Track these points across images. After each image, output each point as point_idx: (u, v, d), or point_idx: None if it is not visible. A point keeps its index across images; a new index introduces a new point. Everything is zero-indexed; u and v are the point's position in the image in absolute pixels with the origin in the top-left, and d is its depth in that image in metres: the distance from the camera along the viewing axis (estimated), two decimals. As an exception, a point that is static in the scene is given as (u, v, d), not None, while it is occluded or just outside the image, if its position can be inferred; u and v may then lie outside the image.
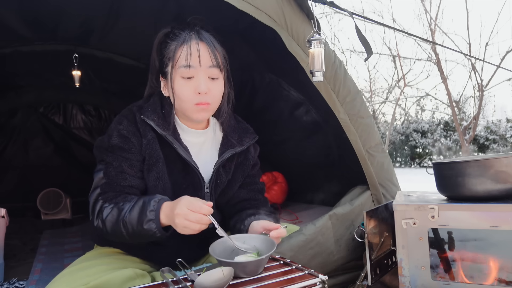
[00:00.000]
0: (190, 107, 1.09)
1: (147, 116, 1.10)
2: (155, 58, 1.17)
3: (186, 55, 1.06)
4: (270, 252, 0.93)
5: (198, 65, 1.06)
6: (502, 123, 9.85)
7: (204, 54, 1.07)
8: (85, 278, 0.97)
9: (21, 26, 2.06)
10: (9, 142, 3.71)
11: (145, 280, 1.05)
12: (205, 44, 1.08)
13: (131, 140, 1.09)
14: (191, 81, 1.07)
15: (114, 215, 1.03)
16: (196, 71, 1.06)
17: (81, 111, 3.98)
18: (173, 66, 1.07)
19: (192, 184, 1.15)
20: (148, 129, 1.10)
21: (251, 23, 1.40)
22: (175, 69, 1.07)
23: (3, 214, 1.71)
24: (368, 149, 1.64)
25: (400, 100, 10.71)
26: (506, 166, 1.12)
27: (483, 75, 8.22)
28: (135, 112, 1.12)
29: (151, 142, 1.10)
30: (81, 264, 1.09)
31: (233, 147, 1.20)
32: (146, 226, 0.98)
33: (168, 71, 1.09)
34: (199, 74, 1.07)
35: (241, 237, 1.04)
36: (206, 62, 1.07)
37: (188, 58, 1.05)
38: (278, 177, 2.43)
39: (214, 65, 1.09)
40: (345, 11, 1.41)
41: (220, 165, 1.18)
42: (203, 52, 1.07)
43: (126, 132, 1.09)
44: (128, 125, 1.10)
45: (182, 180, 1.14)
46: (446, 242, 1.24)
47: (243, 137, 1.24)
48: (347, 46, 15.45)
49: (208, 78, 1.09)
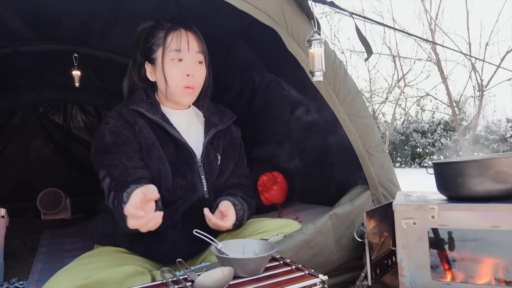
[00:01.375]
0: (179, 90, 1.20)
1: (136, 105, 1.19)
2: (137, 50, 1.27)
3: (176, 40, 1.18)
4: (270, 252, 0.93)
5: (186, 49, 1.19)
6: (502, 123, 9.85)
7: (192, 40, 1.21)
8: (86, 272, 0.98)
9: (21, 26, 2.07)
10: (9, 142, 3.71)
11: (145, 277, 1.05)
12: (192, 32, 1.22)
13: (123, 132, 1.16)
14: (180, 64, 1.19)
15: (116, 209, 1.08)
16: (185, 55, 1.19)
17: (81, 111, 3.98)
18: (164, 51, 1.19)
19: (185, 161, 1.22)
20: (137, 117, 1.19)
21: (251, 23, 1.41)
22: (166, 53, 1.19)
23: (3, 214, 1.70)
24: (368, 149, 1.64)
25: (400, 100, 10.71)
26: (506, 166, 1.12)
27: (483, 75, 8.23)
28: (120, 108, 1.21)
29: (142, 127, 1.18)
30: (82, 260, 1.10)
31: (215, 125, 1.31)
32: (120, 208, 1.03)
33: (156, 57, 1.21)
34: (187, 57, 1.20)
35: (241, 242, 1.04)
36: (193, 48, 1.21)
37: (178, 43, 1.18)
38: (278, 177, 2.43)
39: (200, 51, 1.22)
40: (345, 11, 1.41)
41: (208, 142, 1.27)
42: (191, 38, 1.21)
43: (116, 128, 1.16)
44: (116, 121, 1.18)
45: (176, 159, 1.21)
46: (446, 242, 1.24)
47: (223, 117, 1.36)
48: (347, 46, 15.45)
49: (195, 62, 1.22)
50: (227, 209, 1.17)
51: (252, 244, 1.03)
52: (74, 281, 0.93)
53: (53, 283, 0.96)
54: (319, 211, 2.00)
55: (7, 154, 3.69)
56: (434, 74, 10.29)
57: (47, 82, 3.34)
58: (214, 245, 0.98)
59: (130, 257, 1.19)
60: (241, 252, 1.01)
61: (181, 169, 1.20)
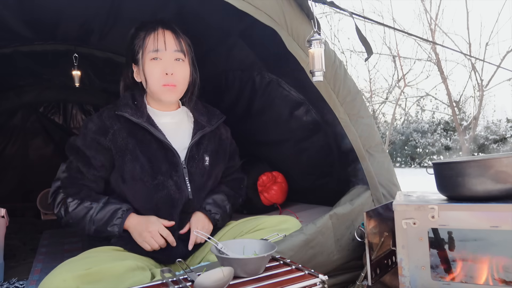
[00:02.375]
0: (159, 88, 1.24)
1: (120, 110, 1.23)
2: (128, 52, 1.31)
3: (153, 40, 1.22)
4: (270, 252, 0.93)
5: (164, 48, 1.23)
6: (502, 123, 9.85)
7: (169, 39, 1.24)
8: (87, 264, 0.99)
9: (21, 26, 2.06)
10: (9, 142, 3.70)
11: (145, 272, 1.07)
12: (170, 31, 1.25)
13: (95, 141, 1.22)
14: (159, 63, 1.23)
15: (81, 211, 1.19)
16: (163, 54, 1.23)
17: (81, 111, 3.97)
18: (143, 52, 1.23)
19: (169, 162, 1.25)
20: (115, 121, 1.23)
21: (251, 23, 1.41)
22: (145, 54, 1.23)
23: (3, 214, 1.70)
24: (368, 149, 1.64)
25: (400, 100, 10.71)
26: (506, 166, 1.12)
27: (483, 75, 8.22)
28: (102, 112, 1.27)
29: (117, 132, 1.22)
30: (84, 255, 1.13)
31: (202, 128, 1.34)
32: (110, 229, 1.18)
33: (139, 58, 1.25)
34: (166, 56, 1.23)
35: (241, 242, 1.04)
36: (171, 47, 1.24)
37: (155, 43, 1.22)
38: (278, 177, 2.42)
39: (178, 50, 1.25)
40: (345, 11, 1.41)
41: (193, 144, 1.30)
42: (168, 37, 1.24)
43: (92, 134, 1.22)
44: (93, 126, 1.23)
45: (160, 160, 1.24)
46: (446, 242, 1.24)
47: (211, 118, 1.39)
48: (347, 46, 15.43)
49: (174, 60, 1.25)
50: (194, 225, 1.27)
51: (252, 244, 1.03)
52: (74, 271, 0.94)
53: (54, 275, 0.97)
54: (319, 211, 2.00)
55: (7, 154, 3.69)
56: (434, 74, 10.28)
57: (47, 82, 3.34)
58: (214, 245, 0.98)
59: (130, 255, 1.19)
60: (241, 252, 1.01)
61: (164, 169, 1.23)
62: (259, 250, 1.00)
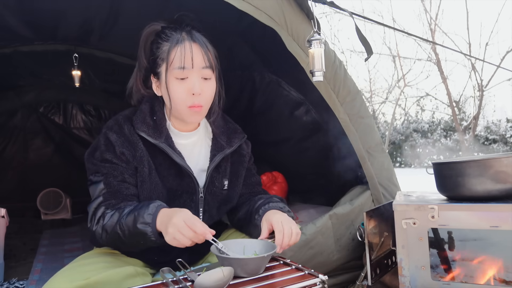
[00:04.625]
0: (184, 109, 1.10)
1: (138, 128, 1.10)
2: (143, 57, 1.16)
3: (180, 56, 1.07)
4: (270, 252, 0.93)
5: (191, 66, 1.07)
6: (502, 123, 9.85)
7: (197, 55, 1.08)
8: (85, 273, 0.97)
9: (21, 26, 2.06)
10: (9, 142, 3.70)
11: (146, 278, 1.05)
12: (198, 45, 1.09)
13: (124, 153, 1.09)
14: (185, 82, 1.08)
15: (114, 218, 1.03)
16: (190, 72, 1.07)
17: (81, 111, 3.98)
18: (167, 68, 1.08)
19: (187, 190, 1.15)
20: (138, 139, 1.11)
21: (251, 23, 1.41)
22: (169, 71, 1.08)
23: (3, 214, 1.70)
24: (368, 149, 1.64)
25: (400, 100, 10.72)
26: (506, 166, 1.12)
27: (483, 75, 8.23)
28: (123, 124, 1.12)
29: (142, 154, 1.11)
30: (82, 261, 1.09)
31: (222, 149, 1.21)
32: (141, 227, 0.98)
33: (161, 72, 1.10)
34: (193, 75, 1.08)
35: (241, 242, 1.04)
36: (199, 64, 1.08)
37: (182, 60, 1.07)
38: (278, 177, 2.43)
39: (207, 66, 1.10)
40: (345, 11, 1.41)
41: (212, 169, 1.18)
42: (196, 53, 1.08)
43: (118, 147, 1.09)
44: (117, 138, 1.10)
45: (177, 186, 1.14)
46: (446, 242, 1.24)
47: (232, 138, 1.26)
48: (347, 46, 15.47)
49: (201, 78, 1.10)
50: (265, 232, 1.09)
51: (253, 244, 1.03)
52: (73, 282, 0.93)
53: (52, 284, 0.96)
54: (319, 211, 2.00)
55: (7, 154, 3.69)
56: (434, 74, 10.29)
57: (47, 82, 3.34)
58: (215, 245, 0.98)
59: (130, 260, 1.17)
60: (241, 252, 1.01)
61: (181, 198, 1.14)
62: (259, 250, 1.00)
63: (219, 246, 0.98)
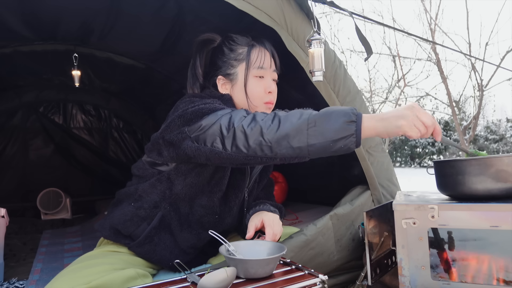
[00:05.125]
0: (261, 104, 1.20)
1: None
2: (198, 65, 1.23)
3: (260, 57, 1.19)
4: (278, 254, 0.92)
5: (268, 67, 1.21)
6: (502, 123, 9.86)
7: (272, 59, 1.23)
8: (86, 277, 0.97)
9: (21, 26, 2.06)
10: (9, 142, 3.70)
11: (147, 280, 1.05)
12: (270, 51, 1.23)
13: None
14: (262, 81, 1.20)
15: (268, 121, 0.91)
16: (266, 72, 1.21)
17: (81, 111, 3.98)
18: (248, 67, 1.19)
19: (238, 185, 1.21)
20: None
21: (251, 23, 1.40)
22: (250, 70, 1.19)
23: (3, 214, 1.70)
24: (368, 149, 1.64)
25: (400, 100, 10.70)
26: (506, 165, 1.12)
27: (483, 75, 8.22)
28: None
29: None
30: (84, 262, 1.09)
31: None
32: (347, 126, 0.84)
33: (236, 72, 1.20)
34: (268, 74, 1.22)
35: (252, 243, 1.04)
36: (273, 66, 1.23)
37: (262, 60, 1.19)
38: (278, 177, 2.43)
39: (276, 70, 1.25)
40: (345, 11, 1.40)
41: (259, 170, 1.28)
42: (269, 56, 1.22)
43: None
44: None
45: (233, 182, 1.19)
46: (446, 242, 1.24)
47: None
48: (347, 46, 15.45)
49: (272, 80, 1.24)
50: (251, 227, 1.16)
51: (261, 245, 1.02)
52: (75, 286, 0.93)
53: (54, 287, 0.96)
54: (319, 211, 2.00)
55: (7, 154, 3.69)
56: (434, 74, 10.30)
57: (47, 82, 3.34)
58: (225, 246, 0.98)
59: (131, 259, 1.17)
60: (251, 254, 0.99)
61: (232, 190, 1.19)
62: (268, 252, 0.99)
63: (231, 248, 0.97)
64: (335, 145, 0.85)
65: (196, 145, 0.97)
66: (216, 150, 0.94)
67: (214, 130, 0.94)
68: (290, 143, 0.87)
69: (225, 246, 0.97)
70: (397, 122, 0.84)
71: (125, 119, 4.04)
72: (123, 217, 1.17)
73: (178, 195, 1.14)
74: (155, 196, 1.16)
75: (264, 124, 0.90)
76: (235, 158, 0.92)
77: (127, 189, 1.23)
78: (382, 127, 0.85)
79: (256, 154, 0.90)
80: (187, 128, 1.00)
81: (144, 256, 1.18)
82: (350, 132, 0.84)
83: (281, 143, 0.87)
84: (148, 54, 2.48)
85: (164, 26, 1.97)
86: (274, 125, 0.89)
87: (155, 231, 1.15)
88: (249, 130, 0.90)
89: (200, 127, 0.97)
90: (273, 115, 0.92)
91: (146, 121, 3.92)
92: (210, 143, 0.95)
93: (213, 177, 1.13)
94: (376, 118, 0.86)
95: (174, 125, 1.03)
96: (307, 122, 0.86)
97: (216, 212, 1.18)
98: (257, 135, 0.89)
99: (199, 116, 0.99)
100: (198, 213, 1.17)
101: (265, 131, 0.88)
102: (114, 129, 4.12)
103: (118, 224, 1.17)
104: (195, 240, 1.19)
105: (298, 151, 0.87)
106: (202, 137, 0.96)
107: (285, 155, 0.88)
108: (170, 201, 1.16)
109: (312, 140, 0.85)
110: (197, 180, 1.12)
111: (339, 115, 0.85)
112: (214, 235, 1.02)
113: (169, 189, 1.15)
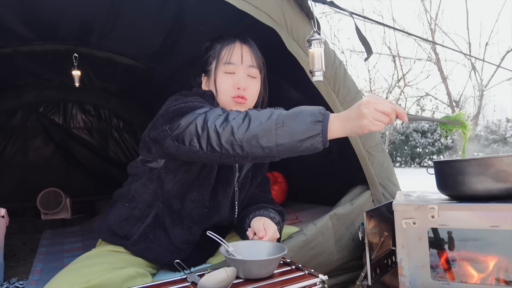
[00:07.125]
0: (228, 100, 1.18)
1: None
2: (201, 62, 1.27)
3: (228, 53, 1.19)
4: (280, 254, 0.92)
5: (239, 62, 1.19)
6: (502, 123, 9.85)
7: (246, 54, 1.20)
8: (85, 276, 0.97)
9: (21, 26, 2.06)
10: (9, 142, 3.70)
11: (147, 279, 1.05)
12: (248, 46, 1.22)
13: None
14: (231, 77, 1.19)
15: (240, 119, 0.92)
16: (237, 68, 1.19)
17: (81, 111, 3.98)
18: (217, 64, 1.20)
19: (226, 179, 1.21)
20: None
21: (251, 23, 1.40)
22: (219, 66, 1.19)
23: (3, 214, 1.70)
24: (368, 149, 1.64)
25: (400, 100, 10.71)
26: (506, 165, 1.12)
27: (483, 75, 8.24)
28: None
29: None
30: (83, 262, 1.09)
31: None
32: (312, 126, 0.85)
33: (211, 69, 1.22)
34: (240, 71, 1.19)
35: (251, 243, 1.04)
36: (247, 62, 1.20)
37: (229, 55, 1.18)
38: (278, 177, 2.43)
39: (254, 65, 1.21)
40: (345, 11, 1.41)
41: (250, 167, 1.26)
42: (245, 52, 1.20)
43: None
44: None
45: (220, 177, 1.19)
46: (446, 242, 1.24)
47: None
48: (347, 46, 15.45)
49: (248, 76, 1.20)
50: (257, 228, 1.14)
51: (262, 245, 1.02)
52: (74, 285, 0.93)
53: (53, 286, 0.96)
54: (319, 211, 2.00)
55: (7, 154, 3.69)
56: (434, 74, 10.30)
57: (47, 82, 3.34)
58: (225, 246, 0.98)
59: (131, 258, 1.17)
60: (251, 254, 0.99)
61: (221, 184, 1.19)
62: (268, 252, 0.99)
63: (230, 249, 0.97)
64: (302, 144, 0.86)
65: (176, 144, 0.99)
66: (194, 149, 0.95)
67: (191, 130, 0.95)
68: (260, 143, 0.87)
69: (224, 246, 0.97)
70: (359, 122, 0.85)
71: (125, 119, 4.04)
72: (118, 218, 1.18)
73: (170, 192, 1.16)
74: (147, 195, 1.17)
75: (235, 123, 0.90)
76: (211, 157, 0.93)
77: (121, 190, 1.25)
78: (348, 128, 0.87)
79: (228, 153, 0.91)
80: (168, 126, 1.01)
81: (140, 254, 1.18)
82: (316, 132, 0.85)
83: (251, 142, 0.88)
84: (148, 54, 2.48)
85: (164, 26, 1.97)
86: (245, 124, 0.89)
87: (150, 229, 1.17)
88: (221, 130, 0.91)
89: (179, 126, 0.98)
90: (244, 114, 0.93)
91: (146, 121, 3.92)
92: (188, 142, 0.96)
93: (201, 172, 1.14)
94: (341, 119, 0.87)
95: (158, 123, 1.05)
96: (275, 122, 0.87)
97: (205, 206, 1.19)
98: (228, 134, 0.90)
99: (179, 115, 1.00)
100: (189, 208, 1.18)
101: (236, 130, 0.89)
102: (114, 129, 4.12)
103: (114, 225, 1.19)
104: (188, 235, 1.19)
105: (268, 150, 0.88)
106: (181, 136, 0.97)
107: (256, 154, 0.89)
108: (163, 199, 1.17)
109: (281, 140, 0.86)
110: (186, 176, 1.13)
111: (306, 115, 0.86)
112: (212, 235, 1.02)
113: (160, 187, 1.16)
